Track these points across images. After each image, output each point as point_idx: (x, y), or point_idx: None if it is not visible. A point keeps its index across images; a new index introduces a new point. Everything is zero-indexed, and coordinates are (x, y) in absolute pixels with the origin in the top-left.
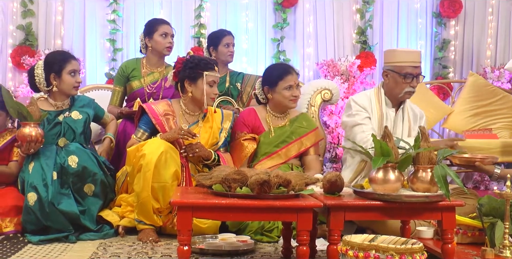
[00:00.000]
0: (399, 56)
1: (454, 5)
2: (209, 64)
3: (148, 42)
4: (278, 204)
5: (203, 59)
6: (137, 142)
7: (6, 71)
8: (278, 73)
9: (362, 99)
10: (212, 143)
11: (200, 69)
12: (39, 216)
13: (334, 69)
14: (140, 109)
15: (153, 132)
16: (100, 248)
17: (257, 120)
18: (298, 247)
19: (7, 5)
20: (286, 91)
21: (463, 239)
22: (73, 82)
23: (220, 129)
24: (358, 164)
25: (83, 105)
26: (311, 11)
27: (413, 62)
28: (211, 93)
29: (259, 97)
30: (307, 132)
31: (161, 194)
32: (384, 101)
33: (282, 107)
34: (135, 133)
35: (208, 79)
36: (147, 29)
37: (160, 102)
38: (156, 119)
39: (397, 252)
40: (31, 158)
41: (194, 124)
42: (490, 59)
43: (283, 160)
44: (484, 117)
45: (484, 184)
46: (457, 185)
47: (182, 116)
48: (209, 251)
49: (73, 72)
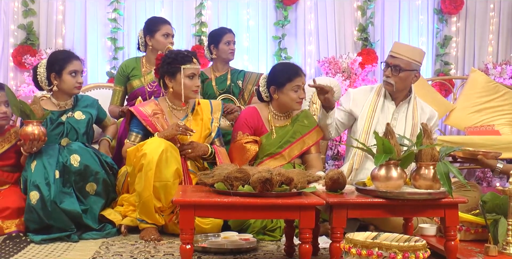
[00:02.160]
0: (392, 47)
1: (456, 1)
2: (187, 57)
3: (149, 41)
4: (280, 202)
5: (180, 52)
6: (132, 146)
7: (7, 70)
8: (288, 74)
9: (359, 89)
10: (205, 135)
11: (178, 63)
12: (41, 214)
13: (335, 67)
14: (129, 113)
15: (146, 133)
16: (102, 247)
17: (259, 120)
18: (300, 245)
19: (8, 4)
20: (293, 93)
21: (466, 236)
22: (73, 82)
23: (211, 119)
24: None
25: (86, 105)
26: (312, 9)
27: (392, 52)
28: (192, 86)
29: (262, 95)
30: (309, 130)
31: (163, 193)
32: (383, 94)
33: (287, 108)
34: (128, 137)
35: (186, 73)
36: (148, 27)
37: (147, 102)
38: (145, 120)
39: (400, 249)
40: (33, 157)
41: (184, 118)
42: (492, 55)
43: (287, 160)
44: (486, 113)
45: (487, 180)
46: (457, 179)
47: (170, 113)
48: (211, 250)
49: (74, 73)
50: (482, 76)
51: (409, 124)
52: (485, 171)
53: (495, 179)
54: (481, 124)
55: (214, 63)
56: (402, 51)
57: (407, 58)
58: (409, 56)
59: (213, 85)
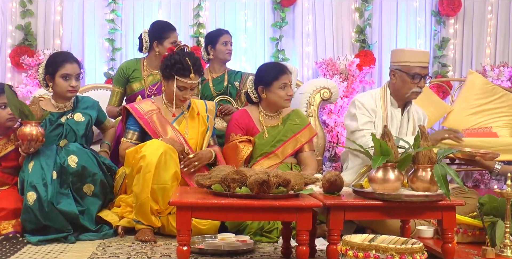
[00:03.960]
0: (408, 56)
1: (453, 3)
2: (184, 71)
3: (156, 47)
4: (277, 204)
5: (180, 62)
6: (129, 144)
7: (5, 71)
8: (274, 73)
9: (367, 99)
10: (203, 130)
11: (173, 72)
12: (38, 215)
13: (333, 68)
14: (125, 111)
15: (143, 131)
16: (99, 248)
17: (250, 121)
18: (297, 246)
19: (6, 5)
20: (281, 91)
21: (464, 238)
22: (65, 86)
23: (206, 116)
24: (360, 166)
25: (86, 107)
26: (310, 10)
27: (422, 62)
28: (180, 96)
29: (251, 97)
30: (301, 129)
31: (161, 196)
32: (389, 102)
33: (276, 107)
34: (125, 135)
35: (178, 84)
36: (157, 32)
37: (144, 101)
38: (141, 118)
39: (397, 252)
40: (31, 158)
41: (180, 115)
42: (490, 57)
43: (280, 159)
44: (484, 115)
45: (484, 182)
46: (457, 184)
47: (166, 109)
48: (208, 251)
49: (66, 76)
50: (480, 78)
51: (410, 128)
52: (483, 173)
53: (493, 181)
54: (479, 126)
55: (211, 64)
56: (427, 58)
57: (428, 64)
58: (429, 61)
59: (210, 86)
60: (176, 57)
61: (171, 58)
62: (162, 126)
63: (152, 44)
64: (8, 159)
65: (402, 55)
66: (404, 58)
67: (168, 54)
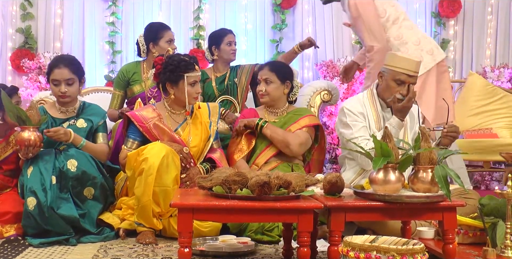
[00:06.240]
0: (398, 62)
1: (453, 5)
2: (190, 65)
3: (153, 48)
4: (278, 206)
5: (182, 59)
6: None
7: (6, 74)
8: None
9: (354, 104)
10: (205, 138)
11: (181, 71)
12: (38, 220)
13: (333, 70)
14: (126, 118)
15: (143, 140)
16: (100, 251)
17: (256, 116)
18: (298, 248)
19: (7, 8)
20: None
21: (465, 239)
22: (56, 91)
23: (209, 123)
24: (359, 166)
25: (91, 114)
26: (310, 12)
27: (409, 71)
28: (193, 93)
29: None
30: (302, 116)
31: (162, 198)
32: (378, 103)
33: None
34: (125, 143)
35: (189, 81)
36: (151, 34)
37: (145, 108)
38: (142, 127)
39: (398, 253)
40: (29, 162)
41: (183, 122)
42: (490, 58)
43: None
44: (484, 116)
45: (485, 183)
46: (458, 185)
47: (169, 117)
48: (209, 253)
49: (55, 82)
50: (480, 79)
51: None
52: (483, 174)
53: (494, 182)
54: (479, 128)
55: (215, 64)
56: (416, 68)
57: (417, 74)
58: (418, 71)
59: (213, 86)
60: (174, 58)
61: (169, 62)
62: (164, 134)
63: (148, 46)
64: (9, 162)
65: (392, 59)
66: (393, 62)
67: (162, 63)
